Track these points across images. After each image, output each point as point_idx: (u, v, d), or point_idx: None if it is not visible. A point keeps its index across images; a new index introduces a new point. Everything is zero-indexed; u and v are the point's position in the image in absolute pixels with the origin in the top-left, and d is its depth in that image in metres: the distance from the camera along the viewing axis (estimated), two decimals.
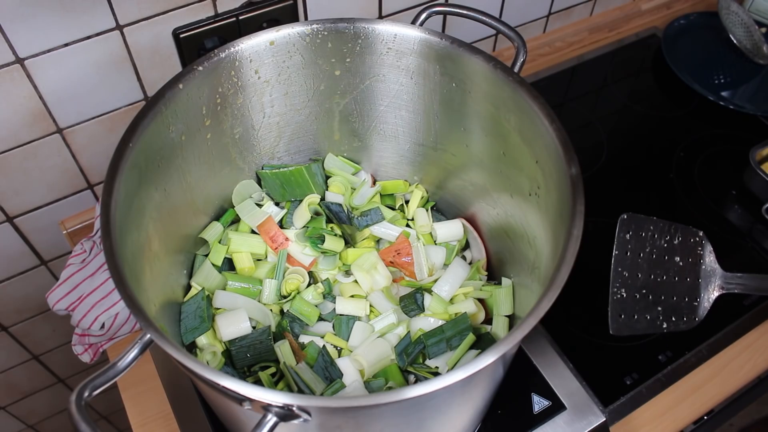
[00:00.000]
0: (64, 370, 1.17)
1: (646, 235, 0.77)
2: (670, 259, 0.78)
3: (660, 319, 0.77)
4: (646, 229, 0.77)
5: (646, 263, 0.77)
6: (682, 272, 0.79)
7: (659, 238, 0.78)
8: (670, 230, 0.79)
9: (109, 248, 0.50)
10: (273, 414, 0.44)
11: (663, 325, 0.77)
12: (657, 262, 0.78)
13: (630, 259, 0.77)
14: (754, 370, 0.83)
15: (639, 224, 0.77)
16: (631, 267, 0.77)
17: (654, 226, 0.78)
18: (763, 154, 0.99)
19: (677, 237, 0.79)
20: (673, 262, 0.78)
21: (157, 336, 0.47)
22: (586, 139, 1.08)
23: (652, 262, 0.78)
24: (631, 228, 0.77)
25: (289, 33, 0.67)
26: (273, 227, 0.74)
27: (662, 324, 0.77)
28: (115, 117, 0.82)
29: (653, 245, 0.78)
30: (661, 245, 0.78)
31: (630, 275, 0.76)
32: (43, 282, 0.96)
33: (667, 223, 0.79)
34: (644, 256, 0.77)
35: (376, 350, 0.67)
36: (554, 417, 0.73)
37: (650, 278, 0.77)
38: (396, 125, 0.76)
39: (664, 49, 1.17)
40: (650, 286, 0.77)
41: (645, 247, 0.77)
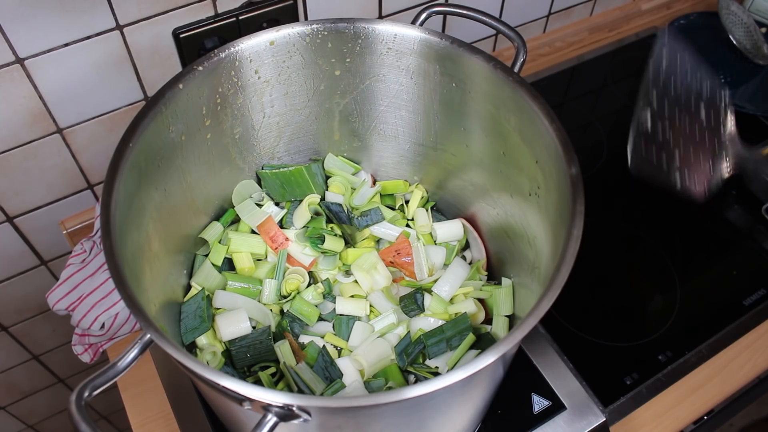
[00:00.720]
0: (64, 370, 1.17)
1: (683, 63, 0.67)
2: (697, 106, 0.68)
3: (675, 174, 0.68)
4: (683, 56, 0.67)
5: (676, 98, 0.67)
6: (704, 131, 0.69)
7: (691, 75, 0.68)
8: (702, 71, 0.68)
9: (109, 248, 0.50)
10: (273, 414, 0.44)
11: (677, 182, 0.68)
12: (685, 106, 0.68)
13: (663, 81, 0.67)
14: (754, 370, 0.83)
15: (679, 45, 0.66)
16: (661, 91, 0.67)
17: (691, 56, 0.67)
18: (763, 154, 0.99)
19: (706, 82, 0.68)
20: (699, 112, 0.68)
21: (157, 336, 0.47)
22: (586, 139, 1.08)
23: (679, 100, 0.67)
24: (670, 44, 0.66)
25: (289, 33, 0.67)
26: (273, 227, 0.74)
27: (676, 180, 0.68)
28: (115, 117, 0.82)
29: (685, 78, 0.67)
30: (691, 84, 0.67)
31: (658, 101, 0.66)
32: (43, 282, 0.96)
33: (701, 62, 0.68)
34: (675, 83, 0.67)
35: (376, 350, 0.67)
36: (554, 417, 0.73)
37: (675, 115, 0.67)
38: (396, 125, 0.76)
39: None
40: (674, 125, 0.67)
41: (676, 74, 0.67)
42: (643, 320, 0.86)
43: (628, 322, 0.86)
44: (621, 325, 0.85)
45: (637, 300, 0.88)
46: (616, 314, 0.86)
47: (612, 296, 0.89)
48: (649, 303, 0.88)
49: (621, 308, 0.87)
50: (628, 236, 0.94)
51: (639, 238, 0.94)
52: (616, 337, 0.84)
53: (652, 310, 0.87)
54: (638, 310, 0.87)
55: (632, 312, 0.87)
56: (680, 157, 0.69)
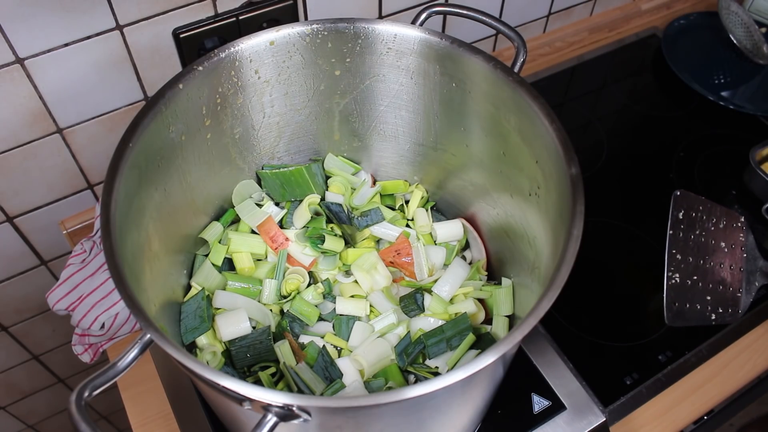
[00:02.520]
0: (64, 370, 1.17)
1: (696, 215, 0.73)
2: (717, 243, 0.73)
3: (709, 310, 0.73)
4: (696, 209, 0.73)
5: (696, 246, 0.72)
6: (726, 259, 0.75)
7: (707, 219, 0.73)
8: (716, 212, 0.74)
9: (109, 248, 0.50)
10: (273, 414, 0.44)
11: (712, 316, 0.72)
12: (705, 246, 0.73)
13: (683, 241, 0.72)
14: (754, 370, 0.83)
15: (690, 203, 0.73)
16: (683, 249, 0.72)
17: (703, 206, 0.73)
18: (763, 154, 0.99)
19: (722, 221, 0.74)
20: (719, 247, 0.73)
21: (157, 336, 0.47)
22: (586, 139, 1.08)
23: (701, 246, 0.73)
24: (683, 206, 0.72)
25: (289, 33, 0.67)
26: (273, 227, 0.74)
27: (711, 315, 0.72)
28: (115, 117, 0.82)
29: (702, 227, 0.73)
30: (709, 228, 0.73)
31: (683, 258, 0.72)
32: (43, 282, 0.96)
33: (713, 204, 0.74)
34: (694, 238, 0.72)
35: (376, 350, 0.67)
36: (554, 417, 0.73)
37: (700, 263, 0.72)
38: (396, 125, 0.76)
39: (664, 49, 1.17)
40: (700, 272, 0.72)
41: (695, 228, 0.73)
42: (643, 320, 0.86)
43: (628, 322, 0.86)
44: (621, 325, 0.85)
45: (637, 300, 0.88)
46: (616, 314, 0.86)
47: (612, 296, 0.89)
48: (649, 303, 0.88)
49: (621, 308, 0.87)
50: (628, 236, 0.94)
51: (639, 238, 0.94)
52: (616, 337, 0.84)
53: (653, 310, 0.87)
54: (638, 310, 0.87)
55: (632, 312, 0.87)
56: (710, 294, 0.74)
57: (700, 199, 0.74)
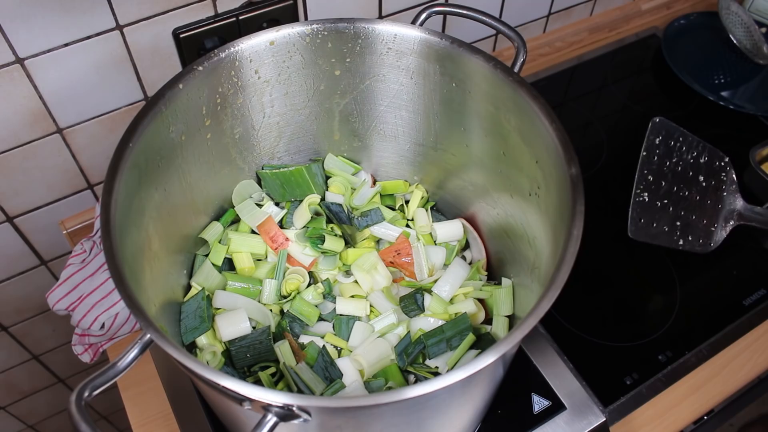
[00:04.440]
0: (64, 370, 1.17)
1: (675, 144, 0.75)
2: (695, 176, 0.76)
3: (677, 235, 0.74)
4: (675, 139, 0.75)
5: (671, 174, 0.75)
6: (704, 193, 0.77)
7: (687, 151, 0.75)
8: (698, 147, 0.76)
9: (109, 248, 0.50)
10: (273, 414, 0.44)
11: (679, 241, 0.74)
12: (682, 176, 0.75)
13: (656, 165, 0.74)
14: (754, 370, 0.83)
15: (669, 131, 0.75)
16: (656, 173, 0.74)
17: (683, 138, 0.75)
18: (763, 154, 0.99)
19: (704, 155, 0.76)
20: (697, 180, 0.76)
21: (157, 336, 0.47)
22: (586, 139, 1.08)
23: (677, 175, 0.75)
24: (661, 133, 0.74)
25: (289, 33, 0.67)
26: (273, 227, 0.74)
27: (678, 240, 0.74)
28: (115, 117, 0.82)
29: (680, 157, 0.75)
30: (688, 160, 0.76)
31: (654, 180, 0.74)
32: (43, 282, 0.96)
33: (695, 139, 0.76)
34: (670, 165, 0.75)
35: (376, 350, 0.67)
36: (554, 417, 0.73)
37: (673, 190, 0.75)
38: (396, 125, 0.76)
39: (664, 49, 1.17)
40: (672, 198, 0.75)
41: (672, 156, 0.75)
42: (643, 320, 0.86)
43: (628, 322, 0.86)
44: (621, 325, 0.85)
45: (637, 300, 0.88)
46: (616, 314, 0.86)
47: (612, 296, 0.89)
48: (649, 303, 0.88)
49: (621, 308, 0.87)
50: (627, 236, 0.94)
51: None
52: (616, 337, 0.84)
53: (652, 310, 0.87)
54: (638, 310, 0.87)
55: (632, 312, 0.87)
56: (681, 220, 0.75)
57: (680, 129, 0.76)
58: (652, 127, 0.74)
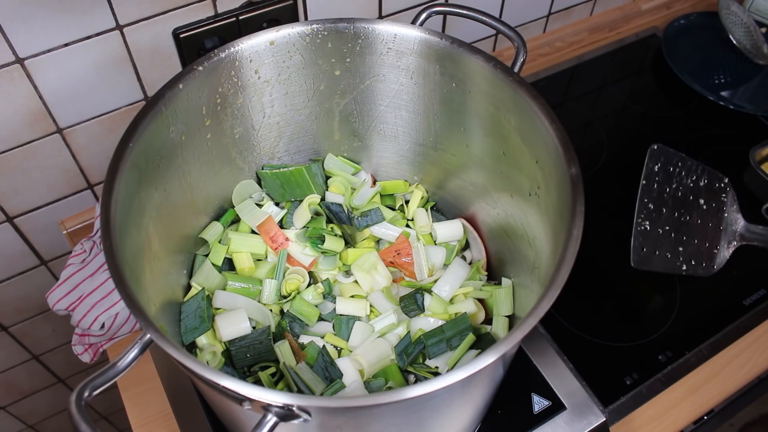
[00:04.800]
0: (64, 370, 1.17)
1: (674, 170, 0.74)
2: (695, 200, 0.75)
3: (680, 260, 0.74)
4: (675, 164, 0.74)
5: (672, 200, 0.74)
6: (705, 216, 0.76)
7: (686, 176, 0.75)
8: (697, 170, 0.76)
9: (109, 248, 0.50)
10: (273, 414, 0.44)
11: (682, 267, 0.74)
12: (682, 201, 0.75)
13: (656, 192, 0.74)
14: (754, 370, 0.83)
15: (668, 158, 0.74)
16: (657, 200, 0.74)
17: (682, 162, 0.75)
18: (763, 154, 0.99)
19: (703, 179, 0.76)
20: (697, 203, 0.75)
21: (157, 336, 0.47)
22: (586, 139, 1.08)
23: (677, 200, 0.74)
24: (660, 160, 0.74)
25: (289, 33, 0.67)
26: (273, 227, 0.74)
27: (681, 266, 0.74)
28: (115, 117, 0.82)
29: (680, 182, 0.75)
30: (687, 184, 0.75)
31: (655, 208, 0.74)
32: (43, 282, 0.96)
33: (694, 163, 0.76)
34: (670, 192, 0.74)
35: (376, 350, 0.67)
36: (554, 417, 0.73)
37: (674, 216, 0.74)
38: (396, 125, 0.76)
39: (664, 49, 1.17)
40: (674, 224, 0.74)
41: (672, 182, 0.74)
42: (643, 320, 0.86)
43: (628, 322, 0.86)
44: (621, 325, 0.85)
45: (637, 300, 0.88)
46: (616, 314, 0.86)
47: (612, 296, 0.89)
48: (649, 303, 0.88)
49: (621, 308, 0.87)
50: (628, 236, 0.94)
51: None
52: (616, 337, 0.84)
53: (652, 310, 0.87)
54: (638, 310, 0.87)
55: (632, 312, 0.87)
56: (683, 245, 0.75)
57: (679, 155, 0.75)
58: (651, 155, 0.74)
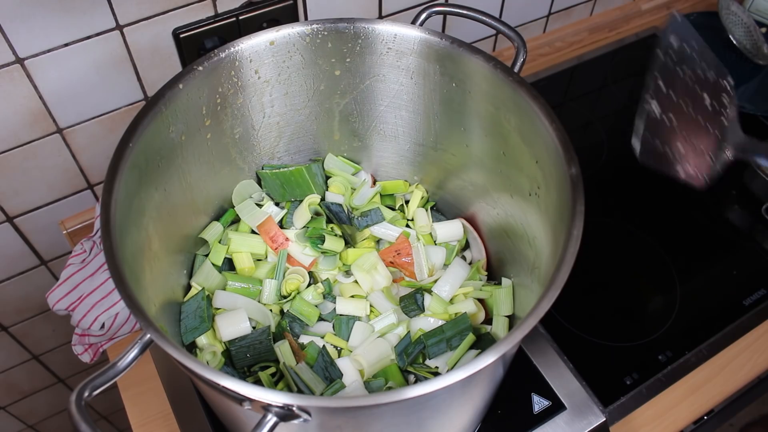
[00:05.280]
0: (64, 370, 1.17)
1: (690, 52, 0.64)
2: (701, 95, 0.66)
3: (678, 162, 0.66)
4: (690, 45, 0.64)
5: (682, 85, 0.65)
6: (707, 117, 0.66)
7: (698, 62, 0.65)
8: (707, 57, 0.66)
9: (109, 248, 0.50)
10: (273, 414, 0.44)
11: (680, 171, 0.66)
12: (690, 91, 0.65)
13: (670, 70, 0.64)
14: (754, 370, 0.83)
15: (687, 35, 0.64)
16: (667, 80, 0.64)
17: (697, 43, 0.64)
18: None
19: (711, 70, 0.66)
20: (702, 99, 0.66)
21: (157, 336, 0.47)
22: (586, 139, 1.08)
23: (686, 88, 0.65)
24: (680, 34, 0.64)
25: (289, 33, 0.67)
26: (273, 227, 0.74)
27: (679, 169, 0.66)
28: (115, 117, 0.82)
29: (692, 67, 0.65)
30: (698, 73, 0.65)
31: (665, 88, 0.64)
32: (43, 282, 0.96)
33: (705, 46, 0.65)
34: (681, 75, 0.65)
35: (376, 350, 0.67)
36: (554, 417, 0.73)
37: (680, 106, 0.65)
38: (396, 125, 0.76)
39: None
40: (679, 114, 0.65)
41: (684, 63, 0.64)
42: (643, 320, 0.86)
43: (628, 322, 0.86)
44: (621, 325, 0.85)
45: (637, 300, 0.88)
46: (616, 314, 0.86)
47: (612, 296, 0.89)
48: (649, 303, 0.88)
49: (621, 308, 0.87)
50: (628, 236, 0.94)
51: (639, 238, 0.94)
52: (616, 337, 0.84)
53: (652, 310, 0.87)
54: (638, 310, 0.87)
55: (632, 312, 0.87)
56: (684, 146, 0.67)
57: (697, 35, 0.65)
58: (672, 25, 0.63)
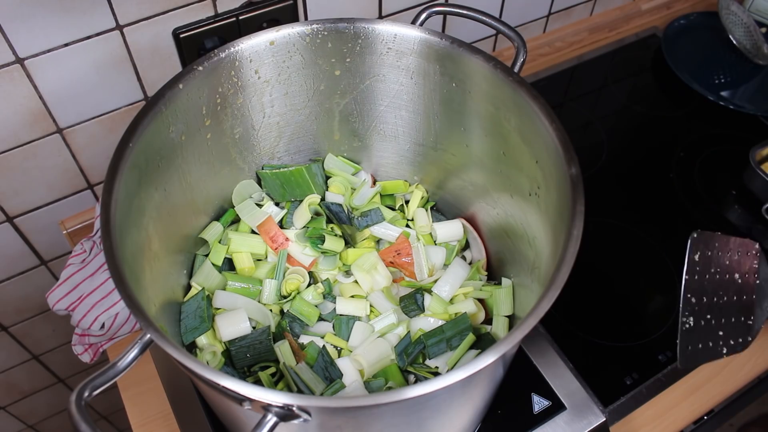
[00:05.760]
0: (64, 370, 1.17)
1: (712, 253, 0.72)
2: (731, 277, 0.74)
3: (720, 345, 0.73)
4: (712, 247, 0.73)
5: (711, 285, 0.72)
6: (740, 290, 0.75)
7: (722, 255, 0.73)
8: (731, 245, 0.74)
9: (109, 248, 0.50)
10: (273, 414, 0.44)
11: (723, 350, 0.73)
12: (719, 283, 0.73)
13: (697, 283, 0.72)
14: (754, 370, 0.83)
15: (707, 242, 0.72)
16: (698, 291, 0.72)
17: (719, 242, 0.73)
18: (763, 154, 0.99)
19: (737, 252, 0.74)
20: (733, 280, 0.74)
21: (157, 336, 0.47)
22: (586, 139, 1.08)
23: (715, 283, 0.73)
24: (699, 248, 0.72)
25: (289, 33, 0.67)
26: (273, 227, 0.74)
27: (722, 349, 0.73)
28: (115, 117, 0.82)
29: (717, 264, 0.73)
30: (724, 263, 0.73)
31: (697, 301, 0.72)
32: (43, 282, 0.96)
33: (727, 238, 0.74)
34: (709, 277, 0.72)
35: (376, 350, 0.67)
36: (554, 417, 0.73)
37: (714, 301, 0.73)
38: (396, 125, 0.76)
39: (664, 49, 1.17)
40: (714, 310, 0.72)
41: (710, 267, 0.72)
42: (643, 320, 0.86)
43: (628, 322, 0.86)
44: (621, 325, 0.85)
45: (637, 300, 0.88)
46: (616, 314, 0.86)
47: (612, 296, 0.89)
48: (649, 303, 0.88)
49: (621, 308, 0.87)
50: (628, 236, 0.94)
51: (639, 238, 0.94)
52: (616, 337, 0.84)
53: (652, 310, 0.87)
54: (638, 310, 0.87)
55: (632, 312, 0.87)
56: (723, 329, 0.74)
57: (716, 235, 0.73)
58: (692, 244, 0.71)
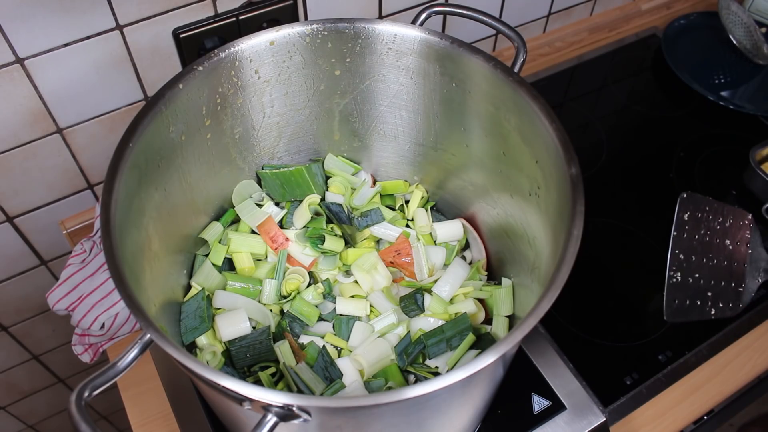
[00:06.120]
0: (64, 370, 1.17)
1: (702, 215, 0.76)
2: (722, 242, 0.77)
3: (709, 305, 0.75)
4: (702, 209, 0.76)
5: (700, 245, 0.75)
6: (731, 256, 0.77)
7: (713, 219, 0.76)
8: (723, 211, 0.77)
9: (109, 248, 0.50)
10: (273, 414, 0.44)
11: (711, 311, 0.75)
12: (709, 245, 0.76)
13: (686, 241, 0.75)
14: (754, 370, 0.83)
15: (696, 204, 0.76)
16: (687, 249, 0.75)
17: (709, 206, 0.76)
18: (763, 154, 0.99)
19: (729, 219, 0.77)
20: (723, 245, 0.77)
21: (157, 336, 0.47)
22: (586, 139, 1.08)
23: (705, 245, 0.76)
24: (689, 208, 0.75)
25: (289, 33, 0.67)
26: (273, 227, 0.74)
27: (710, 310, 0.75)
28: (115, 117, 0.82)
29: (707, 226, 0.76)
30: (714, 227, 0.76)
31: (686, 258, 0.74)
32: (43, 282, 0.96)
33: (720, 204, 0.77)
34: (698, 238, 0.75)
35: (376, 350, 0.67)
36: (554, 417, 0.73)
37: (703, 261, 0.75)
38: (396, 125, 0.76)
39: (664, 49, 1.17)
40: (703, 270, 0.75)
41: (700, 228, 0.75)
42: (643, 320, 0.86)
43: (628, 322, 0.86)
44: (621, 325, 0.85)
45: (637, 300, 0.88)
46: (616, 314, 0.86)
47: (612, 296, 0.89)
48: (649, 303, 0.88)
49: (621, 308, 0.87)
50: (628, 236, 0.94)
51: (639, 238, 0.94)
52: (616, 337, 0.84)
53: (653, 310, 0.87)
54: (638, 310, 0.87)
55: (632, 312, 0.87)
56: (712, 290, 0.76)
57: (706, 199, 0.76)
58: (681, 203, 0.75)
